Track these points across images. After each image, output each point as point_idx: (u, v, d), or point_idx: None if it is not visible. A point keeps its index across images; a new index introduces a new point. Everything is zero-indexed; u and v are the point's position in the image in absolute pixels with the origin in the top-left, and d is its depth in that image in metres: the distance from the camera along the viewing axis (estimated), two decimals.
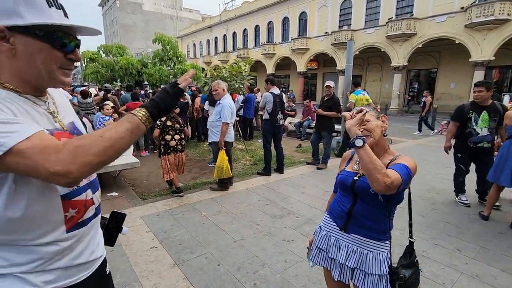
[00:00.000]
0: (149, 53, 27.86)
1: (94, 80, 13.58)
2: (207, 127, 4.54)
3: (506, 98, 10.52)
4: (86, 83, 19.83)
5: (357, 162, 1.40)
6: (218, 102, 4.14)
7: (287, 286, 2.21)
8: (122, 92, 9.82)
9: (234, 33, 32.12)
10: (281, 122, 5.12)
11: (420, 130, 10.05)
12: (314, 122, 7.68)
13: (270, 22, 27.16)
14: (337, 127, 6.80)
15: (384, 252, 1.33)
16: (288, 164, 5.70)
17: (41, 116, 0.77)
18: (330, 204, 1.55)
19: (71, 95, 9.00)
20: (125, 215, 1.10)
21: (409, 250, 1.43)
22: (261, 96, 7.04)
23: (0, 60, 0.71)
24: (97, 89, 11.80)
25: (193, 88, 8.01)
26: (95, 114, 6.57)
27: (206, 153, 6.51)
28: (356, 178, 1.36)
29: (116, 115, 6.52)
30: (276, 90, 5.00)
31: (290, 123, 9.65)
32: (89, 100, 7.12)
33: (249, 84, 7.85)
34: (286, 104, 10.58)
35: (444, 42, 16.47)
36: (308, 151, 6.77)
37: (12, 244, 0.71)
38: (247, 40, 30.43)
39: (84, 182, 0.85)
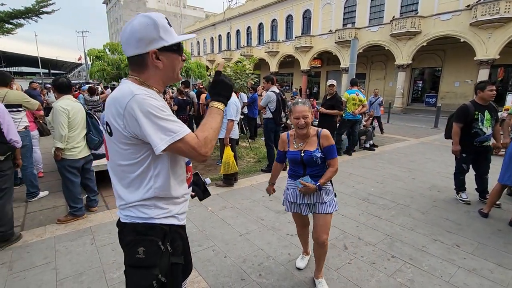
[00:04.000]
0: None
1: (100, 78, 13.72)
2: None
3: (509, 98, 10.49)
4: (91, 81, 19.98)
5: (295, 142, 2.09)
6: None
7: (290, 277, 2.31)
8: None
9: (238, 31, 32.14)
10: (284, 120, 5.20)
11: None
12: (317, 120, 7.74)
13: (274, 20, 27.15)
14: None
15: (329, 185, 2.08)
16: None
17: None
18: (288, 172, 2.21)
19: (78, 92, 9.15)
20: (197, 172, 1.48)
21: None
22: (260, 95, 7.11)
23: (150, 72, 1.06)
24: (103, 87, 11.94)
25: (200, 86, 8.10)
26: (101, 112, 6.70)
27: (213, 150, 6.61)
28: (302, 154, 2.01)
29: None
30: (275, 89, 5.06)
31: None
32: (96, 98, 7.25)
33: (253, 83, 7.93)
34: (289, 103, 10.65)
35: (449, 41, 16.39)
36: None
37: (168, 198, 1.11)
38: (250, 38, 30.44)
39: None
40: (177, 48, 1.08)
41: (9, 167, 2.66)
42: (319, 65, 25.24)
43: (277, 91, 5.06)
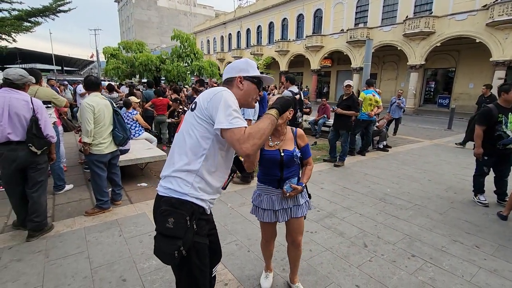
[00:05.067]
0: (164, 48, 28.27)
1: (115, 76, 13.98)
2: None
3: None
4: (102, 78, 20.31)
5: (270, 139, 1.93)
6: None
7: (313, 272, 2.38)
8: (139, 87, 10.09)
9: (248, 30, 32.18)
10: (299, 120, 5.24)
11: None
12: (329, 120, 7.76)
13: (284, 19, 27.10)
14: None
15: (302, 184, 1.97)
16: None
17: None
18: (259, 176, 2.05)
19: None
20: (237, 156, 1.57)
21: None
22: (273, 94, 7.17)
23: (234, 91, 1.35)
24: (117, 85, 12.12)
25: (214, 84, 8.20)
26: (120, 109, 6.84)
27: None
28: (282, 154, 1.89)
29: (140, 109, 6.76)
30: (295, 89, 5.11)
31: (305, 120, 9.73)
32: (114, 95, 7.41)
33: None
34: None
35: (464, 41, 16.12)
36: (324, 148, 6.89)
37: (205, 182, 1.31)
38: (261, 37, 30.45)
39: None
40: (256, 81, 1.43)
41: (44, 160, 2.80)
42: (330, 65, 25.11)
43: (296, 90, 5.10)
